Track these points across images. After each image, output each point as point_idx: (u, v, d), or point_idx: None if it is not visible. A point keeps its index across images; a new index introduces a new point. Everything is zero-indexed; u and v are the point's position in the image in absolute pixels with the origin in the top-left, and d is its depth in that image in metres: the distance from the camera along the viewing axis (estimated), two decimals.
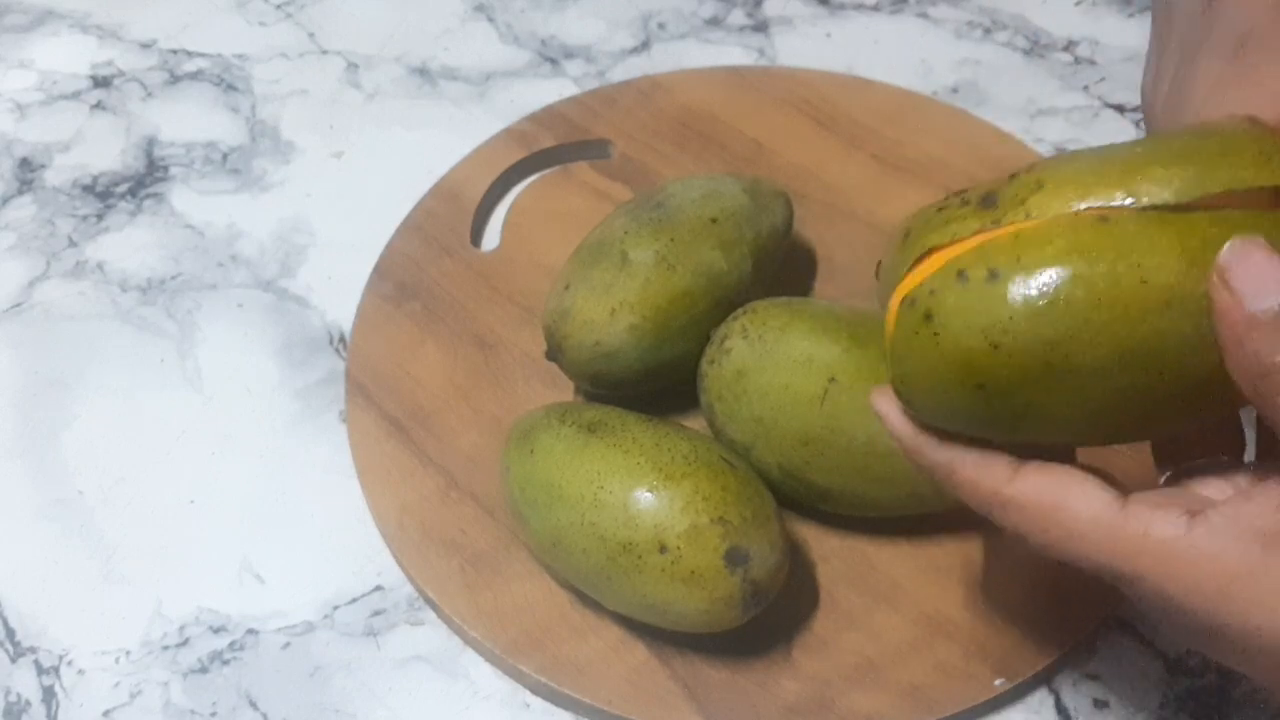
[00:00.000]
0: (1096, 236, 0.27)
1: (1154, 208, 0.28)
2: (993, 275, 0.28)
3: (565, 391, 0.49)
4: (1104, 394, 0.28)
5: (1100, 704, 0.41)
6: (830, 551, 0.44)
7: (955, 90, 0.62)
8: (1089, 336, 0.27)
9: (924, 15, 0.67)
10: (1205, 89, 0.34)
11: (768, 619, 0.40)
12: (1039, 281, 0.27)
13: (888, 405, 0.32)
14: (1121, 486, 0.30)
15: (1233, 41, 0.34)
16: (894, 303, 0.30)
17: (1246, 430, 0.33)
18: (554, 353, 0.46)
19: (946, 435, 0.30)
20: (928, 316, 0.29)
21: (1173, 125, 0.34)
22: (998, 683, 0.41)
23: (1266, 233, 0.27)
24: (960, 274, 0.28)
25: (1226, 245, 0.27)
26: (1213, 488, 0.31)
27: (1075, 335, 0.27)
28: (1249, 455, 0.33)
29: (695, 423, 0.45)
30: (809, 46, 0.65)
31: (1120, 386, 0.28)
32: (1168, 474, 0.33)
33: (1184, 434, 0.33)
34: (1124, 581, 0.29)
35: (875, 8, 0.67)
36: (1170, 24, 0.37)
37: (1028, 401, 0.29)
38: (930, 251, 0.30)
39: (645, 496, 0.38)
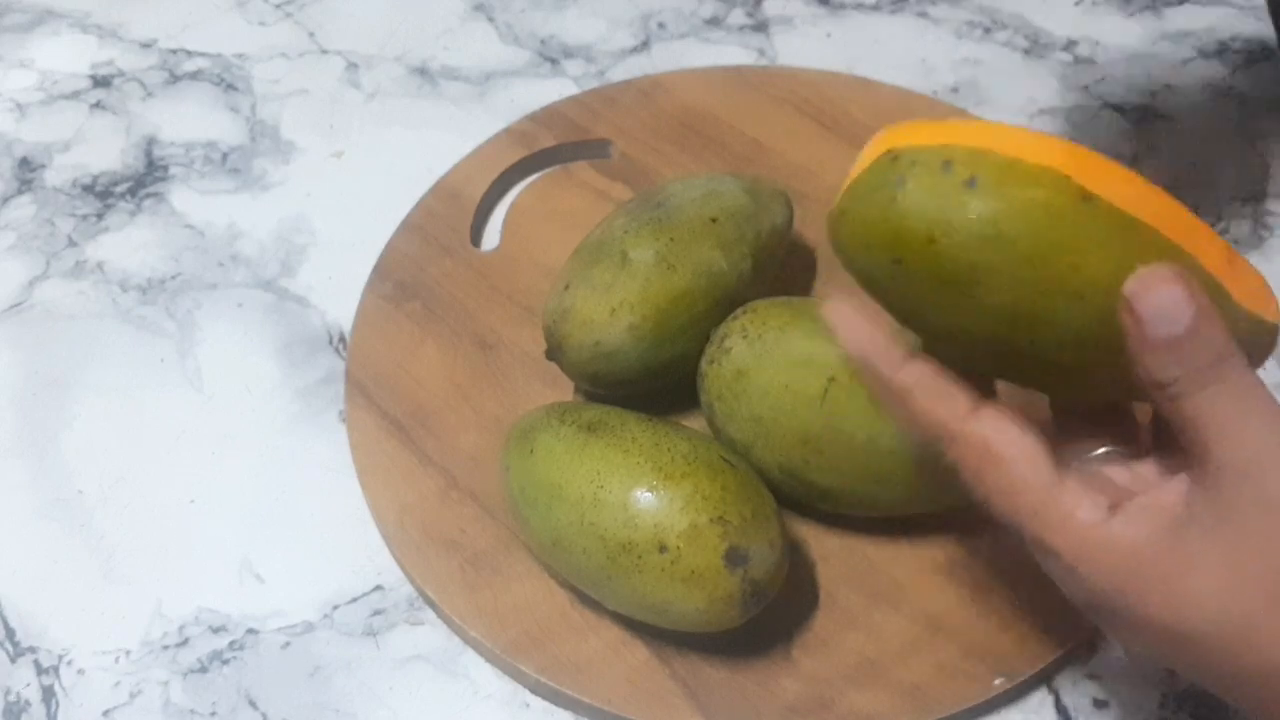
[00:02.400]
0: (1072, 208, 0.29)
1: (1129, 216, 0.29)
2: (970, 183, 0.29)
3: (565, 391, 0.49)
4: (988, 328, 0.31)
5: (1100, 704, 0.41)
6: (830, 551, 0.44)
7: (955, 90, 0.62)
8: (1002, 281, 0.30)
9: (924, 15, 0.67)
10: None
11: (768, 619, 0.40)
12: (1003, 214, 0.29)
13: (844, 316, 0.32)
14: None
15: None
16: (876, 149, 0.32)
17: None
18: (554, 352, 0.46)
19: (907, 355, 0.32)
20: (900, 180, 0.30)
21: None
22: (998, 682, 0.41)
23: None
24: (946, 164, 0.30)
25: (1134, 275, 0.29)
26: (1118, 475, 0.33)
27: (994, 271, 0.29)
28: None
29: (695, 422, 0.45)
30: (809, 46, 0.65)
31: (1001, 333, 0.31)
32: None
33: (1078, 409, 0.35)
34: (1040, 550, 0.31)
35: (875, 7, 0.67)
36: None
37: (923, 298, 0.31)
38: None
39: (645, 496, 0.38)
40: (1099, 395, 0.34)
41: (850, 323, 0.32)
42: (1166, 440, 0.32)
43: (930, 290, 0.31)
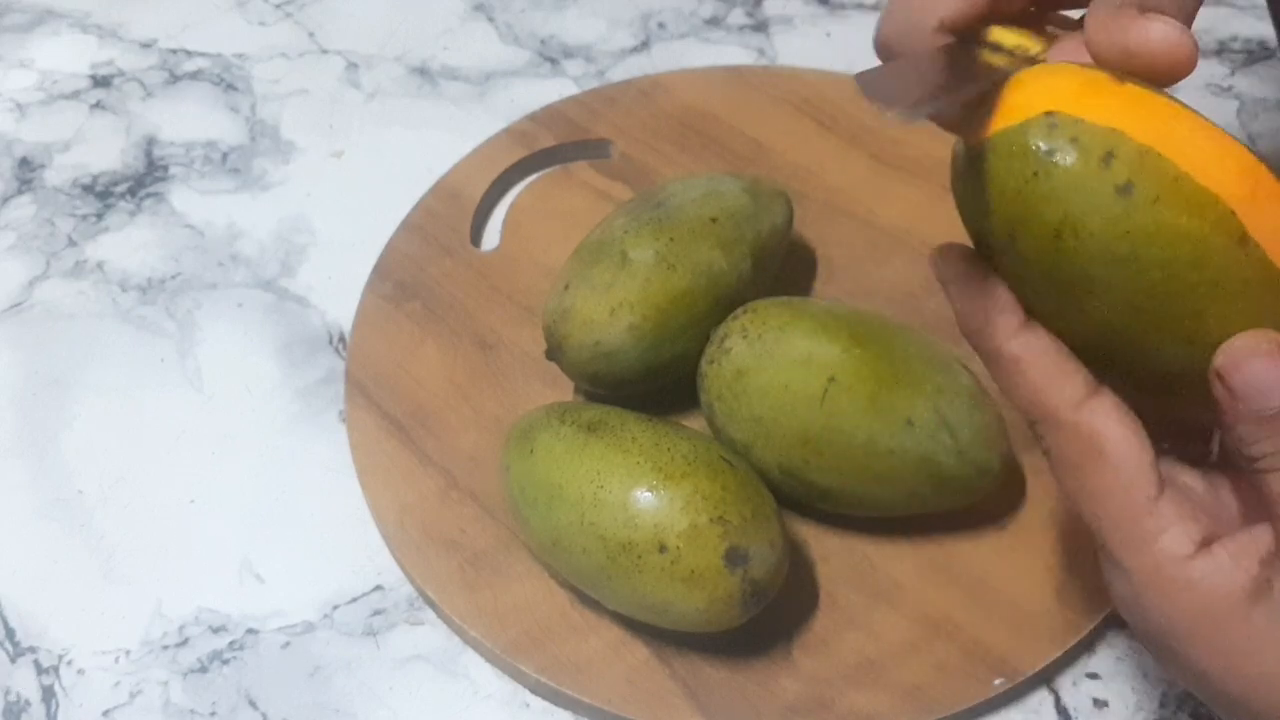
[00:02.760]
0: (1223, 251, 0.26)
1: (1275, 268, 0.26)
2: (1124, 189, 0.26)
3: (565, 391, 0.49)
4: (1080, 330, 0.28)
5: (1100, 704, 0.41)
6: (830, 551, 0.44)
7: None
8: (1116, 301, 0.27)
9: None
10: None
11: (768, 619, 0.40)
12: (1146, 237, 0.26)
13: (953, 265, 0.30)
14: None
15: None
16: (1035, 98, 0.27)
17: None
18: (554, 352, 0.46)
19: (1022, 322, 0.29)
20: (1050, 154, 0.27)
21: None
22: (998, 682, 0.41)
23: None
24: (1107, 156, 0.26)
25: (1222, 349, 0.27)
26: (1188, 476, 0.31)
27: (1112, 289, 0.27)
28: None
29: (695, 422, 0.45)
30: (809, 46, 0.65)
31: (1092, 340, 0.28)
32: None
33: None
34: (1113, 564, 0.29)
35: (875, 7, 0.67)
36: None
37: (1024, 278, 0.28)
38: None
39: (645, 496, 0.38)
40: (1176, 413, 0.32)
41: (960, 274, 0.30)
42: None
43: (1036, 276, 0.28)
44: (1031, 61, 0.30)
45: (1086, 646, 0.42)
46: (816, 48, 0.65)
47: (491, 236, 0.56)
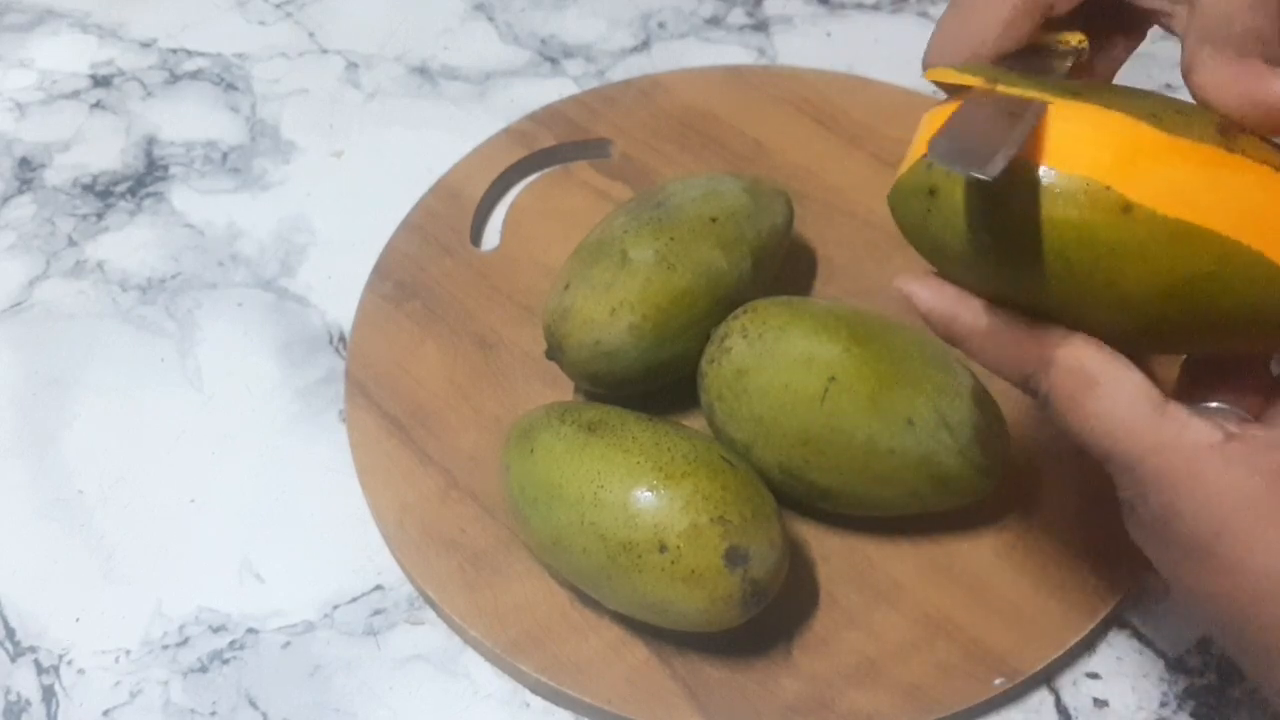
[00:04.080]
0: (1106, 224, 0.28)
1: (1177, 221, 0.27)
2: (1003, 200, 0.28)
3: (565, 391, 0.49)
4: (1046, 313, 0.30)
5: (1100, 704, 0.41)
6: (830, 551, 0.44)
7: None
8: (1043, 292, 0.29)
9: (924, 14, 0.67)
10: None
11: (768, 618, 0.40)
12: (1034, 237, 0.28)
13: (915, 283, 0.31)
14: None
15: None
16: (921, 138, 0.31)
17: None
18: (554, 352, 0.46)
19: (987, 304, 0.31)
20: (932, 193, 0.30)
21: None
22: (998, 682, 0.41)
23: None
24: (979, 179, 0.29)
25: None
26: (1229, 424, 0.30)
27: (1034, 288, 0.29)
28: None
29: (695, 422, 0.45)
30: (809, 46, 0.65)
31: (1063, 318, 0.30)
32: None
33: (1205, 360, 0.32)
34: (1136, 476, 0.29)
35: (875, 7, 0.67)
36: None
37: (971, 287, 0.31)
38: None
39: (645, 496, 0.38)
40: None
41: (923, 287, 0.31)
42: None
43: (975, 285, 0.31)
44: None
45: (1086, 646, 0.42)
46: (817, 48, 0.65)
47: (491, 236, 0.56)
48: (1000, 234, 0.29)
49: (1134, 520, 0.30)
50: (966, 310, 0.31)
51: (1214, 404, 0.31)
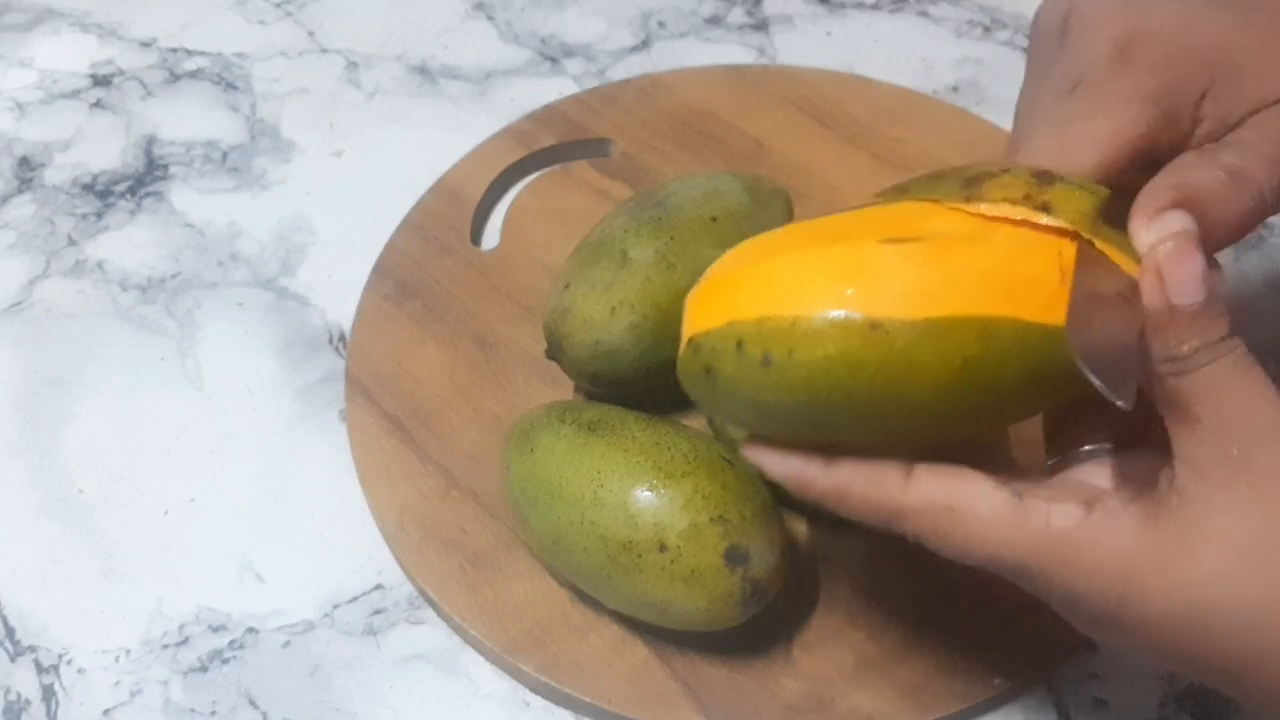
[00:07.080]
0: (861, 346, 0.29)
1: (926, 321, 0.28)
2: (765, 363, 0.29)
3: (565, 390, 0.49)
4: (878, 442, 0.31)
5: (1100, 703, 0.41)
6: (830, 551, 0.44)
7: (955, 89, 0.62)
8: (844, 423, 0.30)
9: (924, 14, 0.67)
10: (1040, 118, 0.34)
11: (768, 618, 0.40)
12: (805, 384, 0.29)
13: (761, 453, 0.32)
14: (1017, 470, 0.31)
15: (1070, 80, 0.34)
16: (687, 328, 0.32)
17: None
18: (554, 351, 0.46)
19: (831, 456, 0.31)
20: (709, 373, 0.31)
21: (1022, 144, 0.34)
22: (997, 682, 0.41)
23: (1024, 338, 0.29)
24: (739, 346, 0.30)
25: (1167, 245, 0.28)
26: (1095, 475, 0.32)
27: (832, 422, 0.30)
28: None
29: (695, 422, 0.45)
30: (809, 45, 0.65)
31: (883, 439, 0.31)
32: (1053, 461, 0.33)
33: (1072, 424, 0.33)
34: (1027, 576, 0.30)
35: (875, 6, 0.67)
36: (1035, 45, 0.37)
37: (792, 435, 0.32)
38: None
39: (645, 495, 0.38)
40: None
41: (770, 456, 0.32)
42: (1134, 439, 0.32)
43: (791, 439, 0.32)
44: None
45: (1086, 646, 0.42)
46: (817, 47, 0.65)
47: (491, 236, 0.56)
48: (779, 391, 0.30)
49: (1056, 609, 0.31)
50: (813, 472, 0.31)
51: (1086, 447, 0.32)
